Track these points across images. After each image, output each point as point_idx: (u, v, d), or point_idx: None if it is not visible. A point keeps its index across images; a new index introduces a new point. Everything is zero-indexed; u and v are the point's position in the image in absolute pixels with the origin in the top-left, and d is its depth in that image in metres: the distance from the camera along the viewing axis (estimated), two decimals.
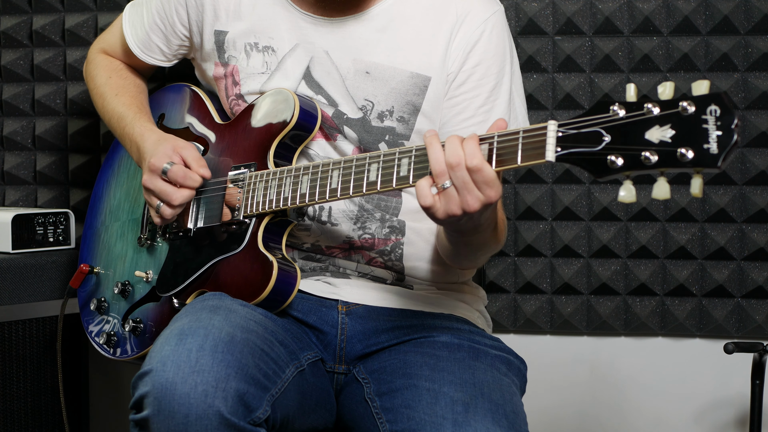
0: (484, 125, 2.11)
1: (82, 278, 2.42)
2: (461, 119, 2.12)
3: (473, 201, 1.74)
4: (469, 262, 2.17)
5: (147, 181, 2.15)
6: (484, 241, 1.98)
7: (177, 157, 2.14)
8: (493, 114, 2.12)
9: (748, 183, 2.71)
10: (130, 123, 2.27)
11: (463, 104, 2.13)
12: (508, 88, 2.16)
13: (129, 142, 2.27)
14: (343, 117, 2.15)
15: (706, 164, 1.48)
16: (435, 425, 1.88)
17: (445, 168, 1.74)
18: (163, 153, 2.14)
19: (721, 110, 1.48)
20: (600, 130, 1.58)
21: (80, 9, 2.93)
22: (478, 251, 2.05)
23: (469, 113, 2.13)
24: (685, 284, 2.75)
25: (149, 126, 2.27)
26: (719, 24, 2.68)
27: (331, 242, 2.17)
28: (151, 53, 2.37)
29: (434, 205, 1.76)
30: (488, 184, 1.73)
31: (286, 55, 2.17)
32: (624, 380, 2.85)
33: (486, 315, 2.32)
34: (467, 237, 1.93)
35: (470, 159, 1.72)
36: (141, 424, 1.81)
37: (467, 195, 1.74)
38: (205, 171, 2.14)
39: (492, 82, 2.13)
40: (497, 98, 2.14)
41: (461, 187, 1.73)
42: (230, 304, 2.00)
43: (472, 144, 1.74)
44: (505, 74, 2.15)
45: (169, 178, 2.12)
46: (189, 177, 2.12)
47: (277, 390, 1.90)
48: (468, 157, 1.73)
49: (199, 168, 2.13)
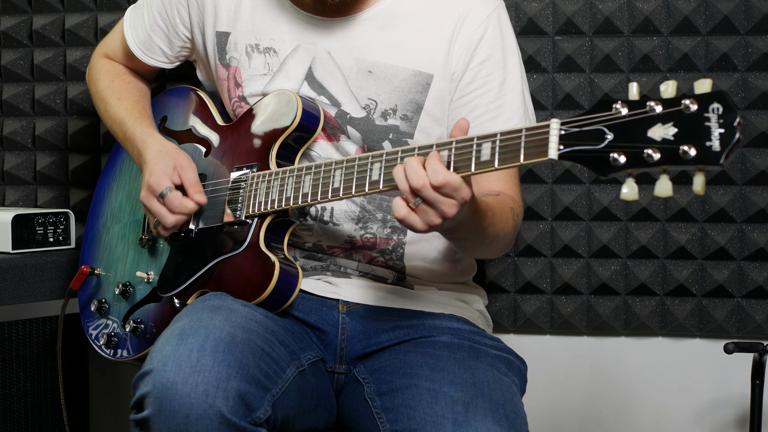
0: (497, 120, 2.13)
1: (83, 280, 2.42)
2: (474, 116, 2.13)
3: (449, 208, 1.77)
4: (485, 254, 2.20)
5: (144, 199, 2.17)
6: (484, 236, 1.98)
7: (176, 176, 2.15)
8: (506, 108, 2.14)
9: (748, 183, 2.71)
10: (131, 127, 2.27)
11: (475, 101, 2.13)
12: (518, 81, 2.17)
13: (131, 146, 2.27)
14: (347, 117, 2.15)
15: (709, 161, 1.48)
16: (435, 425, 1.88)
17: (410, 191, 1.77)
18: (163, 172, 2.15)
19: (723, 108, 1.48)
20: (602, 128, 1.58)
21: (80, 9, 2.93)
22: (487, 245, 2.04)
23: (481, 110, 2.13)
24: (685, 284, 2.75)
25: (151, 131, 2.27)
26: (719, 24, 2.68)
27: (332, 242, 2.17)
28: (152, 54, 2.37)
29: (408, 217, 1.78)
30: (458, 189, 1.75)
31: (288, 56, 2.18)
32: (624, 380, 2.85)
33: (486, 315, 2.32)
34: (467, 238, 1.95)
35: (434, 177, 1.75)
36: (142, 424, 1.81)
37: (441, 205, 1.76)
38: (200, 197, 2.15)
39: (501, 76, 2.14)
40: (508, 92, 2.15)
41: (433, 201, 1.76)
42: (231, 304, 2.00)
43: (433, 162, 1.76)
44: (513, 68, 2.16)
45: (164, 203, 2.13)
46: (184, 206, 2.13)
47: (278, 390, 1.90)
48: (431, 175, 1.75)
49: (195, 194, 2.15)
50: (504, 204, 2.06)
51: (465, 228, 1.89)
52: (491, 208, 1.96)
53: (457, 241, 1.99)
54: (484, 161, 1.74)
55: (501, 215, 2.01)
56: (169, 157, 2.18)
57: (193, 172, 2.17)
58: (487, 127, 2.13)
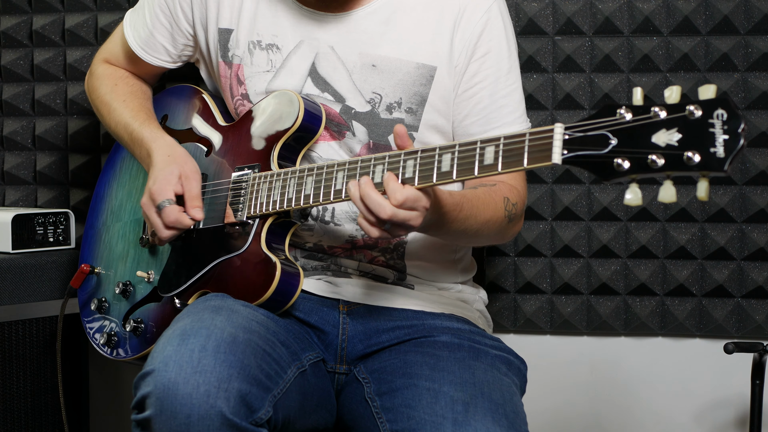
0: (503, 111, 2.14)
1: (83, 278, 2.41)
2: (480, 108, 2.14)
3: (414, 220, 1.82)
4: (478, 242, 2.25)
5: (144, 206, 2.18)
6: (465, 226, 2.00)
7: (179, 186, 2.15)
8: (510, 99, 2.16)
9: (748, 183, 2.71)
10: (139, 129, 2.27)
11: (480, 94, 2.14)
12: (518, 72, 2.19)
13: (139, 148, 2.27)
14: (352, 112, 2.15)
15: (713, 168, 1.48)
16: (435, 425, 1.88)
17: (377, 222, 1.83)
18: (167, 181, 2.15)
19: (728, 114, 1.48)
20: (606, 133, 1.58)
21: (80, 9, 2.93)
22: (473, 235, 2.06)
23: (486, 102, 2.14)
24: (685, 284, 2.75)
25: (160, 133, 2.26)
26: (719, 24, 2.68)
27: (333, 242, 2.17)
28: (155, 53, 2.36)
29: (381, 236, 1.84)
30: (418, 200, 1.81)
31: (291, 52, 2.17)
32: (624, 380, 2.85)
33: (486, 315, 2.32)
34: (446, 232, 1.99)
35: (394, 198, 1.80)
36: (143, 424, 1.81)
37: (407, 222, 1.82)
38: (196, 213, 2.15)
39: (505, 67, 2.16)
40: (512, 83, 2.17)
41: (398, 221, 1.81)
42: (232, 304, 2.00)
43: (391, 184, 1.81)
44: (514, 60, 2.18)
45: (161, 216, 2.13)
46: (179, 221, 2.13)
47: (279, 390, 1.90)
48: (392, 197, 1.80)
49: (192, 209, 2.15)
50: (495, 193, 2.06)
51: (436, 225, 1.93)
52: (468, 200, 1.98)
53: (437, 236, 2.03)
54: (487, 165, 1.74)
55: (486, 205, 2.02)
56: (176, 165, 2.17)
57: (196, 183, 2.17)
58: (494, 118, 2.14)
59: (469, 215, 1.97)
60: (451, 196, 1.92)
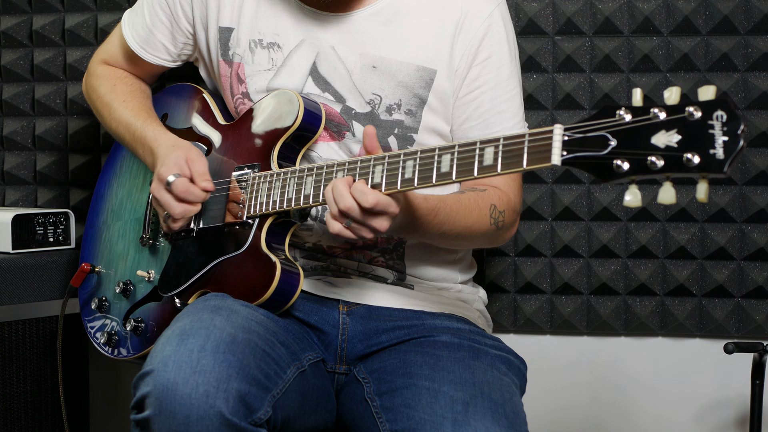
0: (503, 116, 2.15)
1: (83, 277, 2.42)
2: (480, 113, 2.14)
3: (380, 224, 1.83)
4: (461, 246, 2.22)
5: (154, 190, 2.15)
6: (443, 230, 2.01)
7: (186, 169, 2.13)
8: (510, 104, 2.16)
9: (748, 183, 2.71)
10: (141, 128, 2.26)
11: (481, 98, 2.15)
12: (518, 77, 2.19)
13: (141, 147, 2.26)
14: (352, 112, 2.15)
15: (713, 169, 1.48)
16: (435, 424, 1.88)
17: (338, 214, 1.84)
18: (174, 163, 2.13)
19: (727, 116, 1.48)
20: (606, 134, 1.58)
21: (80, 9, 2.93)
22: (453, 239, 2.07)
23: (486, 106, 2.15)
24: (685, 284, 2.75)
25: (162, 130, 2.26)
26: (719, 24, 2.68)
27: (333, 242, 2.17)
28: (155, 52, 2.36)
29: (342, 232, 1.85)
30: (387, 206, 1.82)
31: (292, 51, 2.17)
32: (624, 380, 2.85)
33: (486, 315, 2.33)
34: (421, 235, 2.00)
35: (363, 201, 1.81)
36: (142, 424, 1.81)
37: (372, 223, 1.83)
38: (207, 184, 2.12)
39: (506, 71, 2.16)
40: (512, 88, 2.17)
41: (362, 220, 1.82)
42: (232, 304, 2.00)
43: (359, 186, 1.83)
44: (515, 65, 2.18)
45: (171, 190, 2.11)
46: (190, 192, 2.10)
47: (279, 391, 1.90)
48: (360, 200, 1.81)
49: (201, 182, 2.12)
50: (482, 200, 2.07)
51: (409, 228, 1.95)
52: (447, 205, 1.99)
53: (413, 239, 2.04)
54: (486, 165, 1.74)
55: (469, 210, 2.03)
56: (182, 150, 2.16)
57: (202, 164, 2.15)
58: (493, 122, 2.14)
59: (445, 220, 1.98)
60: (426, 200, 1.94)
